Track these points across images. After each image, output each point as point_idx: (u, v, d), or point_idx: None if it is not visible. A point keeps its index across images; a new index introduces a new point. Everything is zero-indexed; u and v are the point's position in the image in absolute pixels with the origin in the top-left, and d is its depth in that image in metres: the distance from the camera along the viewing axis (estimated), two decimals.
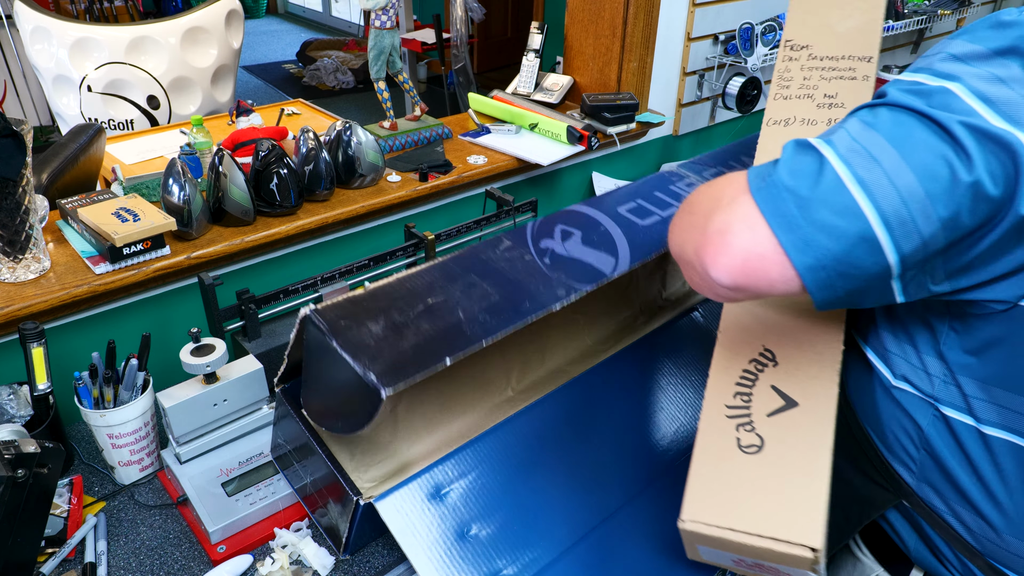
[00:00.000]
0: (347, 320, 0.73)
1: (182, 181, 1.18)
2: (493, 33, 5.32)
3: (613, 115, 1.73)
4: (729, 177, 0.63)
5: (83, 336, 1.17)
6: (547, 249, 0.89)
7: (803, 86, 0.86)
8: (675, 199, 1.04)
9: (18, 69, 3.66)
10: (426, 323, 0.75)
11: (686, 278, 0.69)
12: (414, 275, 0.81)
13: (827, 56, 0.89)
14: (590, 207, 0.97)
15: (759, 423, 0.70)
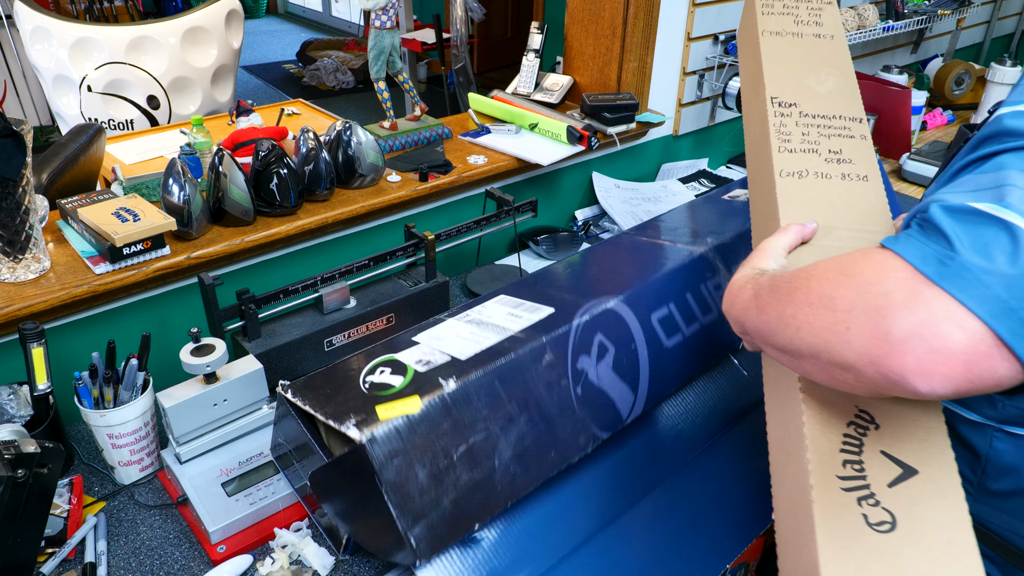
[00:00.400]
0: (398, 460, 0.74)
1: (182, 181, 1.18)
2: (493, 33, 5.32)
3: (613, 115, 1.73)
4: (864, 260, 0.55)
5: (83, 336, 1.17)
6: (582, 372, 0.91)
7: (804, 141, 0.85)
8: (704, 307, 1.07)
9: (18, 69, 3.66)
10: (465, 472, 0.79)
11: (824, 378, 0.59)
12: (467, 395, 0.80)
13: (818, 115, 0.88)
14: (627, 306, 0.97)
15: (882, 495, 0.62)
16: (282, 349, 1.17)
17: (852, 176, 0.82)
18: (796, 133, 0.86)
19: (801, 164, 0.83)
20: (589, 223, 1.81)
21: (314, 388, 0.83)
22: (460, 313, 0.96)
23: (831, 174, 0.82)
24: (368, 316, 1.26)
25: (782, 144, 0.85)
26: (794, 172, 0.82)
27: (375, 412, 0.75)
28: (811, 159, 0.84)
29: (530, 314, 0.93)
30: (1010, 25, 3.09)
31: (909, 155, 2.03)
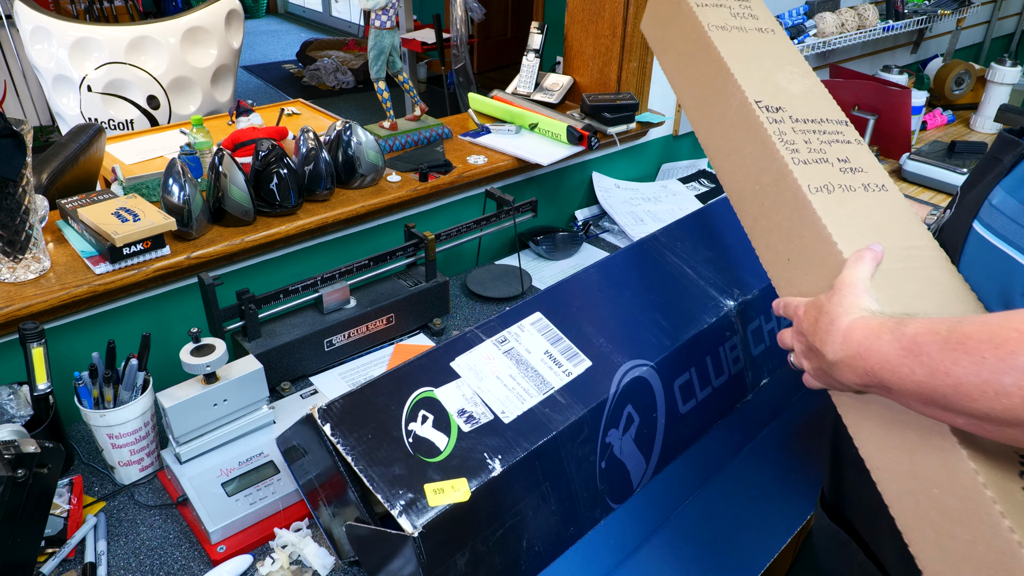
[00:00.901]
0: (443, 551, 0.73)
1: (182, 181, 1.18)
2: (493, 33, 5.32)
3: (613, 115, 1.73)
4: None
5: (83, 336, 1.17)
6: (609, 446, 0.91)
7: (811, 150, 0.77)
8: (718, 370, 1.05)
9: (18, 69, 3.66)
10: (498, 556, 0.79)
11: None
12: (509, 478, 0.79)
13: (808, 119, 0.81)
14: (657, 373, 0.96)
15: None
16: (282, 349, 1.17)
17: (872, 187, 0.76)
18: (799, 141, 0.78)
19: (821, 177, 0.74)
20: (589, 223, 1.81)
21: (353, 424, 0.78)
22: (495, 333, 0.92)
23: (852, 186, 0.75)
24: (368, 316, 1.26)
25: (793, 155, 0.75)
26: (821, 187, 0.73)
27: (424, 494, 0.73)
28: (826, 170, 0.76)
29: (569, 363, 0.90)
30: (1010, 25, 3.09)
31: (909, 155, 2.03)
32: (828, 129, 0.81)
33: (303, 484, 0.93)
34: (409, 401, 0.81)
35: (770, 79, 0.84)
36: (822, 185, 0.74)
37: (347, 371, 1.24)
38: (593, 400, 0.88)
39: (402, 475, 0.74)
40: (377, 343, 1.30)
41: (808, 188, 0.73)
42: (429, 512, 0.72)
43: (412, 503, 0.72)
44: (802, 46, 2.00)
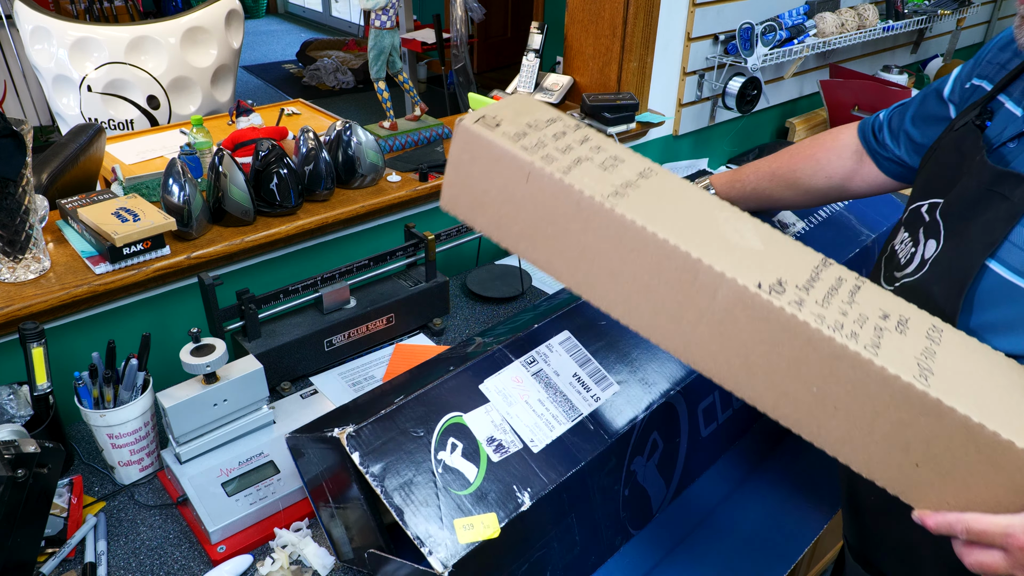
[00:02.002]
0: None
1: (182, 181, 1.18)
2: (493, 33, 5.32)
3: (613, 115, 1.73)
4: None
5: (83, 336, 1.17)
6: (633, 473, 0.90)
7: (857, 320, 0.62)
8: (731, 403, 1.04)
9: (18, 69, 3.66)
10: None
11: None
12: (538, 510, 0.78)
13: (812, 279, 0.65)
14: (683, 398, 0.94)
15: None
16: (282, 349, 1.17)
17: (950, 342, 0.64)
18: (835, 315, 0.61)
19: (902, 356, 0.60)
20: None
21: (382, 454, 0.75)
22: (524, 352, 0.89)
23: (936, 351, 0.62)
24: (368, 316, 1.26)
25: (853, 340, 0.59)
26: (919, 373, 0.59)
27: (454, 530, 0.71)
28: (896, 344, 0.61)
29: (598, 387, 0.89)
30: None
31: None
32: (833, 283, 0.67)
33: (308, 480, 0.92)
34: (439, 428, 0.78)
35: (725, 243, 0.66)
36: (916, 367, 0.59)
37: (347, 371, 1.24)
38: (621, 428, 0.86)
39: (432, 509, 0.73)
40: (377, 343, 1.30)
41: (915, 380, 0.58)
42: (459, 550, 0.70)
43: (442, 540, 0.71)
44: (802, 46, 2.00)
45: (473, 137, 0.71)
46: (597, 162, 0.71)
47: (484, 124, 0.71)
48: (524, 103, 0.78)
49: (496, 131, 0.70)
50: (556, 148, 0.71)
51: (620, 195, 0.66)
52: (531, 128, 0.73)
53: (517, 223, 0.71)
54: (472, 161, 0.72)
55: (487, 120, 0.72)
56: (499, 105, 0.76)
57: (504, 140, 0.70)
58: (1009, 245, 0.70)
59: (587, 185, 0.66)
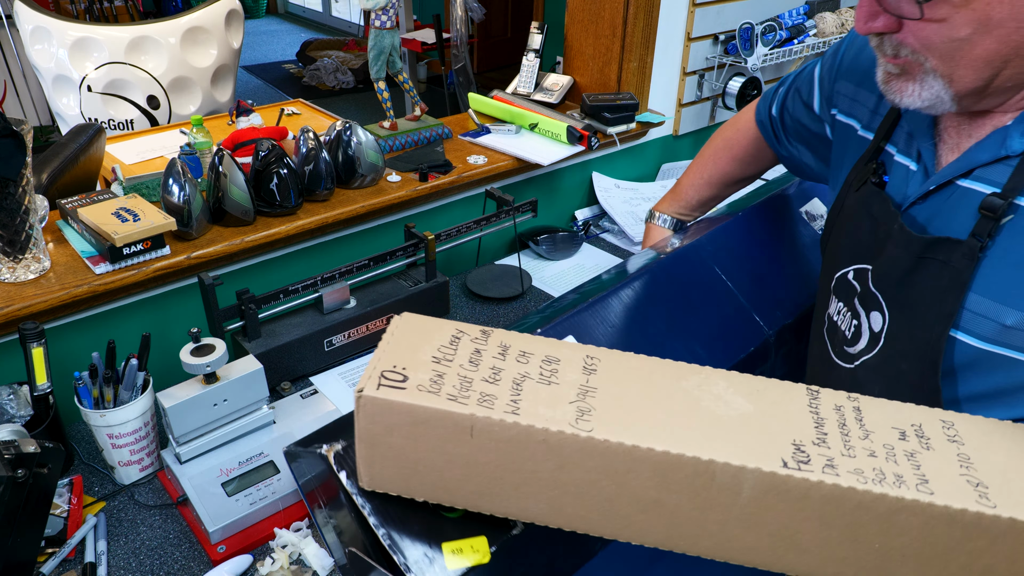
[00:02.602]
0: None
1: (182, 181, 1.18)
2: (493, 33, 5.32)
3: (613, 115, 1.73)
4: None
5: (83, 336, 1.17)
6: None
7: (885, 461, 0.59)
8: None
9: (18, 69, 3.66)
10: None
11: None
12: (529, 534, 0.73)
13: (817, 436, 0.61)
14: None
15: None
16: (282, 349, 1.17)
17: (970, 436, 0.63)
18: (866, 463, 0.58)
19: (955, 483, 0.57)
20: (589, 223, 1.81)
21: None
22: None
23: (967, 456, 0.60)
24: (368, 316, 1.26)
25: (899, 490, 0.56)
26: (973, 499, 0.56)
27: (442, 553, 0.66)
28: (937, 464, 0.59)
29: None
30: None
31: None
32: (838, 419, 0.63)
33: (302, 484, 0.92)
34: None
35: (718, 422, 0.61)
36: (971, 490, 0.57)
37: (347, 371, 1.24)
38: None
39: (420, 532, 0.67)
40: (377, 343, 1.30)
41: (980, 506, 0.55)
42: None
43: (429, 564, 0.66)
44: (802, 46, 2.00)
45: (384, 407, 0.59)
46: (535, 377, 0.63)
47: (390, 385, 0.59)
48: (413, 327, 0.69)
49: (407, 388, 0.59)
50: (484, 378, 0.62)
51: (586, 413, 0.59)
52: (441, 363, 0.63)
53: (470, 482, 0.61)
54: (390, 432, 0.60)
55: (390, 378, 0.60)
56: (389, 347, 0.65)
57: (424, 398, 0.58)
58: (969, 315, 0.70)
59: (546, 418, 0.58)
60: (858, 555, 0.58)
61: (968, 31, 0.63)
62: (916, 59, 0.67)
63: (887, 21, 0.67)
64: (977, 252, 0.68)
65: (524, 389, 0.61)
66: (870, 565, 0.58)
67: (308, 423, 1.07)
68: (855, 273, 0.83)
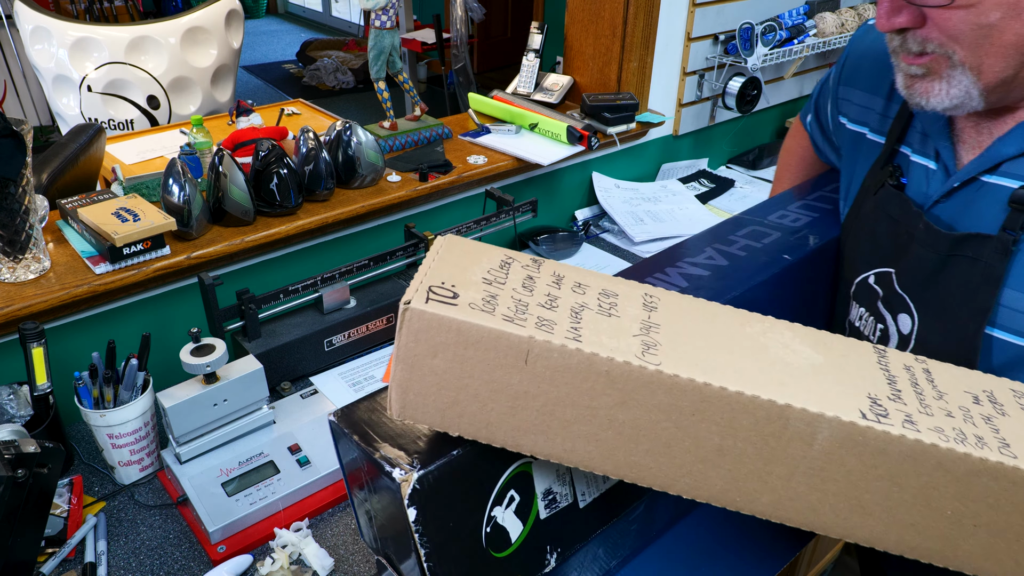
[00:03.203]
0: None
1: (182, 181, 1.18)
2: (493, 33, 5.32)
3: (613, 115, 1.73)
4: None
5: (83, 336, 1.17)
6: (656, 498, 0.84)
7: (963, 423, 0.56)
8: None
9: (18, 69, 3.66)
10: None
11: None
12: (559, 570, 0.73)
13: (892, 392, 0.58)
14: None
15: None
16: (282, 349, 1.17)
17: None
18: (945, 422, 0.55)
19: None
20: (589, 223, 1.81)
21: (438, 510, 0.62)
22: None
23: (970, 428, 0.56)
24: (368, 316, 1.26)
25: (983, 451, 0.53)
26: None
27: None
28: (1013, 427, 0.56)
29: None
30: None
31: None
32: (909, 378, 0.60)
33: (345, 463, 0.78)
34: (505, 475, 0.66)
35: (788, 369, 0.57)
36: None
37: (347, 371, 1.24)
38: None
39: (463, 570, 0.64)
40: (377, 343, 1.30)
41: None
42: None
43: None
44: (802, 46, 2.00)
45: (432, 323, 0.52)
46: (594, 308, 0.58)
47: (440, 300, 0.53)
48: (460, 249, 0.62)
49: (460, 305, 0.53)
50: (540, 303, 0.56)
51: (652, 348, 0.55)
52: (492, 284, 0.57)
53: (516, 417, 0.56)
54: (434, 354, 0.54)
55: (439, 293, 0.54)
56: (436, 264, 0.58)
57: (478, 316, 0.53)
58: (1006, 311, 0.68)
59: (610, 347, 0.53)
60: (927, 521, 0.54)
61: (997, 15, 0.62)
62: (943, 53, 0.66)
63: (911, 15, 0.65)
64: (1010, 246, 0.67)
65: (584, 319, 0.56)
66: (937, 533, 0.55)
67: (308, 423, 1.07)
68: (876, 277, 0.81)
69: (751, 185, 2.02)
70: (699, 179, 2.02)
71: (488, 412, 0.56)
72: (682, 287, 0.85)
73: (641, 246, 1.69)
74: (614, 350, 0.53)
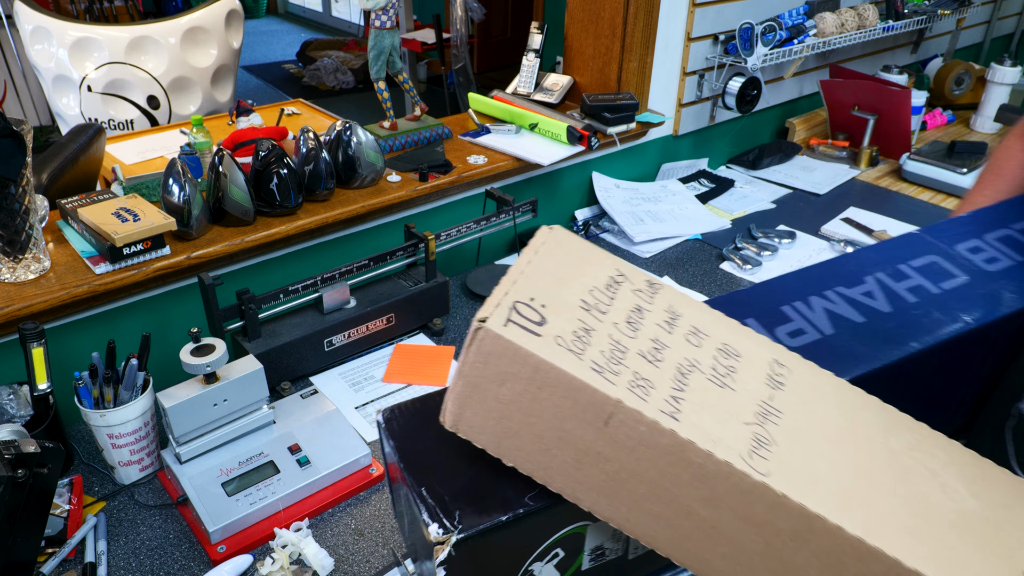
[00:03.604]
0: None
1: (182, 181, 1.18)
2: (493, 33, 5.32)
3: (613, 115, 1.73)
4: None
5: (83, 336, 1.17)
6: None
7: None
8: None
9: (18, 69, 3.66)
10: None
11: None
12: None
13: None
14: None
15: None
16: (282, 349, 1.17)
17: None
18: None
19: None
20: (589, 223, 1.81)
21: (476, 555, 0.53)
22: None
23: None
24: (368, 316, 1.26)
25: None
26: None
27: None
28: None
29: None
30: (1010, 25, 3.09)
31: (909, 155, 2.03)
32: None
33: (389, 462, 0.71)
34: (555, 536, 0.58)
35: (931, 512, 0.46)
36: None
37: (347, 371, 1.24)
38: None
39: None
40: (377, 343, 1.30)
41: None
42: None
43: None
44: (802, 46, 2.00)
45: (506, 351, 0.44)
46: (706, 371, 0.48)
47: (522, 326, 0.44)
48: (566, 250, 0.52)
49: (543, 336, 0.44)
50: (642, 352, 0.46)
51: (764, 446, 0.44)
52: (591, 312, 0.48)
53: (581, 472, 0.47)
54: (501, 382, 0.46)
55: (524, 314, 0.45)
56: (531, 269, 0.50)
57: (562, 357, 0.44)
58: None
59: (712, 437, 0.43)
60: None
61: None
62: None
63: None
64: None
65: (690, 385, 0.46)
66: None
67: (308, 423, 1.07)
68: None
69: (751, 185, 2.02)
70: (699, 179, 2.02)
71: (550, 458, 0.48)
72: (824, 333, 0.66)
73: (641, 246, 1.69)
74: (717, 441, 0.43)
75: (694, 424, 0.44)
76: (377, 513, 0.99)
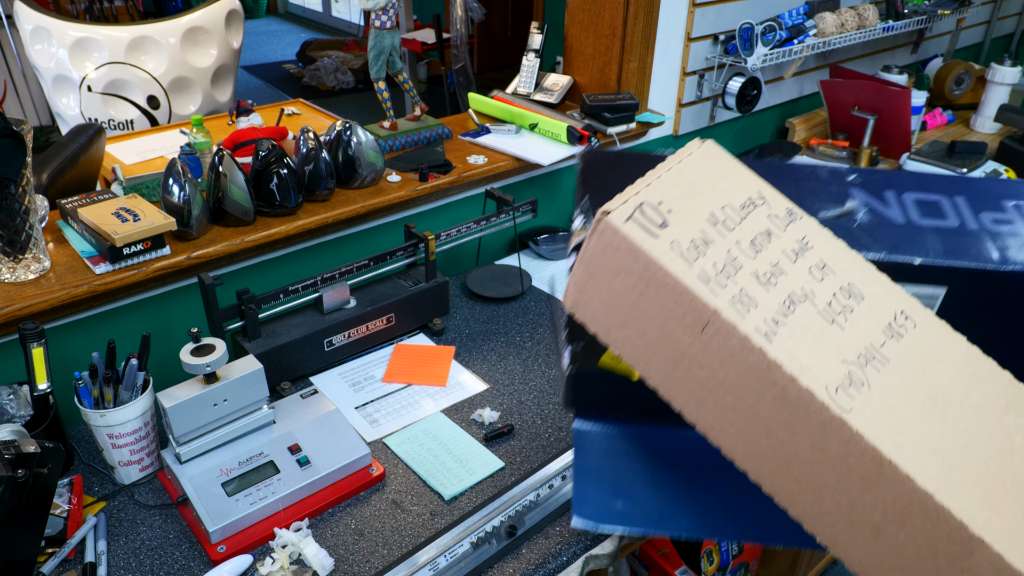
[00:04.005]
0: None
1: (182, 181, 1.18)
2: (493, 33, 5.32)
3: (613, 115, 1.73)
4: None
5: (83, 336, 1.17)
6: None
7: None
8: None
9: (18, 69, 3.66)
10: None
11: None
12: None
13: None
14: None
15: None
16: (282, 349, 1.17)
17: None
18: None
19: None
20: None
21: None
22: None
23: None
24: (368, 316, 1.26)
25: None
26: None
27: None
28: None
29: None
30: (1010, 25, 3.09)
31: (909, 155, 2.03)
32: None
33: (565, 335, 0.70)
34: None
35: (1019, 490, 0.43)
36: None
37: (347, 371, 1.24)
38: None
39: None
40: (377, 343, 1.30)
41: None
42: None
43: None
44: (802, 46, 2.00)
45: (623, 246, 0.46)
46: (820, 304, 0.46)
47: (643, 224, 0.46)
48: (710, 165, 0.51)
49: (660, 239, 0.46)
50: (756, 272, 0.46)
51: (856, 385, 0.43)
52: (716, 226, 0.48)
53: (678, 372, 0.49)
54: (615, 273, 0.48)
55: (648, 215, 0.47)
56: (668, 176, 0.49)
57: (672, 260, 0.45)
58: None
59: (802, 364, 0.43)
60: None
61: None
62: None
63: None
64: None
65: (796, 312, 0.46)
66: None
67: (308, 423, 1.07)
68: None
69: None
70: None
71: (651, 354, 0.50)
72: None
73: None
74: (805, 369, 0.44)
75: (786, 349, 0.45)
76: (377, 513, 0.99)
